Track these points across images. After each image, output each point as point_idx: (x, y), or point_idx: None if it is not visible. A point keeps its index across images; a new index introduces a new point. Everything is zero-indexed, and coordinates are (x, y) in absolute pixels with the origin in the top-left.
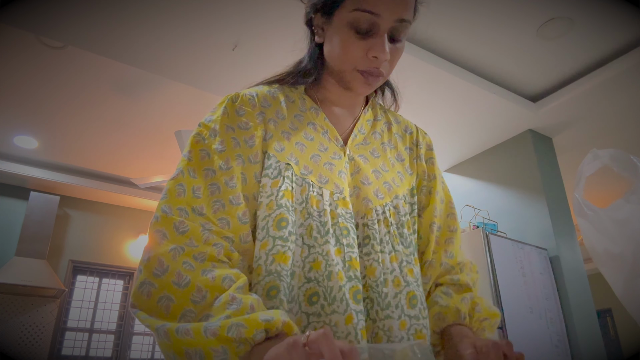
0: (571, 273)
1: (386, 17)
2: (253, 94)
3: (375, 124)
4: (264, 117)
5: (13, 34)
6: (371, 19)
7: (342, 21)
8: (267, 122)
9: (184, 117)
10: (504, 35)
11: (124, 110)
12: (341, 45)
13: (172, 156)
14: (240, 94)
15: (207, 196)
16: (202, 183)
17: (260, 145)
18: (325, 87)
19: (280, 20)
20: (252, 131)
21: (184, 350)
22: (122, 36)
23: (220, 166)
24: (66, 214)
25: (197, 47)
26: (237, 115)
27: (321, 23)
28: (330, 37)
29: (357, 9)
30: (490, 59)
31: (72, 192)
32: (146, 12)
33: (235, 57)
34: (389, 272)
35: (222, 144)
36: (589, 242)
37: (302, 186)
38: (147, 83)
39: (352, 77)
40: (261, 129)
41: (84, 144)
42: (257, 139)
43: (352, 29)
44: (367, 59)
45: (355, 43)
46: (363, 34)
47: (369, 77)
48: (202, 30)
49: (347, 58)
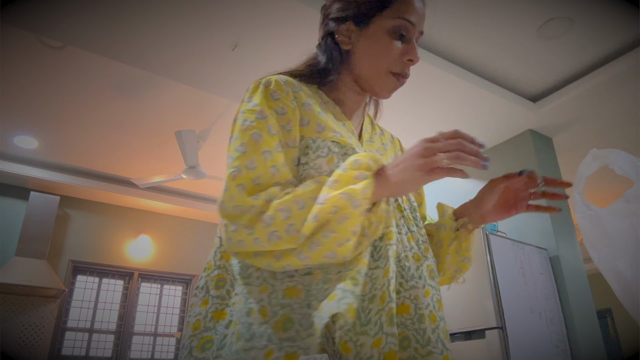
0: (571, 273)
1: (417, 28)
2: (283, 79)
3: (373, 127)
4: (297, 101)
5: (13, 34)
6: (408, 28)
7: (379, 29)
8: (301, 107)
9: (184, 117)
10: (504, 35)
11: (124, 111)
12: (378, 50)
13: (172, 156)
14: (272, 79)
15: (268, 178)
16: (261, 166)
17: (298, 130)
18: (339, 89)
19: (280, 20)
20: (289, 116)
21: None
22: (122, 36)
23: (276, 147)
24: (66, 214)
25: (197, 47)
26: (272, 99)
27: (349, 31)
28: (362, 43)
29: (399, 17)
30: (490, 59)
31: (72, 192)
32: (146, 13)
33: (235, 58)
34: (409, 249)
35: (272, 127)
36: (589, 242)
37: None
38: (147, 83)
39: (384, 79)
40: (297, 114)
41: (84, 144)
42: (294, 124)
43: (390, 35)
44: (401, 62)
45: (394, 47)
46: (399, 41)
47: (400, 79)
48: (202, 31)
49: (383, 61)
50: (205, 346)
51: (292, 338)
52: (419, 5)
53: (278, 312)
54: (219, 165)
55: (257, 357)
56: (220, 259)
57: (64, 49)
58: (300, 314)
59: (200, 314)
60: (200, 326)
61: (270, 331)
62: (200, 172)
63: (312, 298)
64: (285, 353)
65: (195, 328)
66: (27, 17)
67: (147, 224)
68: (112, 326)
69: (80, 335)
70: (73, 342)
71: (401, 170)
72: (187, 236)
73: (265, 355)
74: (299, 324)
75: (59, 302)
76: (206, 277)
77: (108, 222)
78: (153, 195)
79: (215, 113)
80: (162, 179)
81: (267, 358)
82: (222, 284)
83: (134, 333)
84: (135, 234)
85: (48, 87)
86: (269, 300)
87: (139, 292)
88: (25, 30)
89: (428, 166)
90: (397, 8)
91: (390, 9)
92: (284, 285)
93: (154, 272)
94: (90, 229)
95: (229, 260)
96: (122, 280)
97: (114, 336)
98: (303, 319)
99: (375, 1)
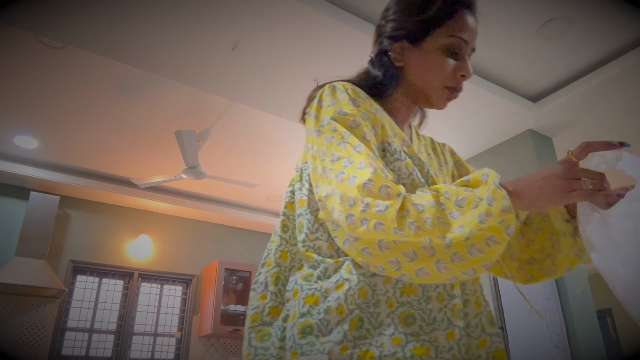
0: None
1: (470, 45)
2: (352, 86)
3: (419, 138)
4: (372, 107)
5: (13, 34)
6: (461, 45)
7: (433, 46)
8: (376, 111)
9: (184, 117)
10: (504, 35)
11: (124, 110)
12: (432, 67)
13: (172, 156)
14: (347, 86)
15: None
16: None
17: (380, 133)
18: (392, 102)
19: (281, 20)
20: (372, 121)
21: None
22: (122, 36)
23: (374, 152)
24: (66, 214)
25: (197, 47)
26: (355, 106)
27: (403, 49)
28: (416, 60)
29: (452, 35)
30: (490, 59)
31: (72, 192)
32: (146, 13)
33: (235, 58)
34: None
35: (366, 133)
36: (590, 245)
37: (420, 165)
38: (147, 83)
39: (439, 93)
40: (378, 118)
41: (84, 144)
42: (377, 127)
43: (443, 52)
44: (455, 78)
45: (448, 64)
46: (453, 57)
47: (454, 93)
48: (202, 31)
49: (438, 76)
50: (263, 338)
51: (364, 336)
52: (471, 23)
53: (354, 311)
54: (219, 165)
55: (334, 350)
56: (279, 257)
57: (64, 49)
58: (368, 313)
59: (258, 308)
60: (258, 319)
61: (347, 328)
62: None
63: (379, 298)
64: (360, 349)
65: (254, 321)
66: (27, 17)
67: (147, 224)
68: (112, 326)
69: (80, 335)
70: (73, 342)
71: (539, 187)
72: (187, 236)
73: (340, 350)
74: (368, 322)
75: (59, 302)
76: (265, 273)
77: (108, 222)
78: (153, 195)
79: (215, 113)
80: (162, 179)
81: (342, 353)
82: (278, 281)
83: (134, 333)
84: (135, 234)
85: (48, 87)
86: (345, 298)
87: (139, 292)
88: (25, 30)
89: (570, 188)
90: (450, 26)
91: (444, 28)
92: (358, 285)
93: (154, 272)
94: (90, 229)
95: (286, 260)
96: (122, 280)
97: (114, 336)
98: (372, 318)
99: (429, 20)
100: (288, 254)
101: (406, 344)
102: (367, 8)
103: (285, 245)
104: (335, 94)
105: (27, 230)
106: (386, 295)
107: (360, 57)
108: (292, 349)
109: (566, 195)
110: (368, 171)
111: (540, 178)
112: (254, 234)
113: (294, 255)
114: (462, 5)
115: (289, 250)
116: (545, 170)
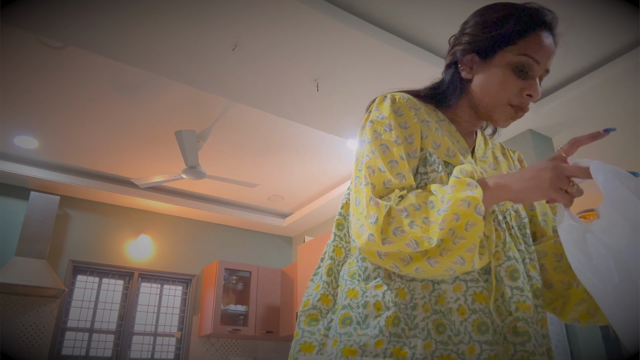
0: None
1: (542, 66)
2: (406, 97)
3: (486, 143)
4: (418, 117)
5: (13, 34)
6: (532, 65)
7: (502, 62)
8: (421, 122)
9: (184, 117)
10: None
11: (124, 111)
12: (498, 83)
13: (172, 156)
14: (397, 96)
15: (396, 184)
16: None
17: (419, 142)
18: (455, 111)
19: (280, 20)
20: (411, 130)
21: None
22: (123, 36)
23: (401, 156)
24: (66, 214)
25: (197, 47)
26: (396, 115)
27: (472, 62)
28: (484, 74)
29: (523, 54)
30: None
31: (72, 192)
32: (146, 13)
33: (235, 58)
34: None
35: (398, 137)
36: (570, 254)
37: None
38: (147, 83)
39: (502, 110)
40: (419, 127)
41: (84, 144)
42: (416, 137)
43: (513, 70)
44: (521, 97)
45: (515, 82)
46: (521, 76)
47: (519, 112)
48: (202, 31)
49: (503, 94)
50: (311, 322)
51: (399, 335)
52: (547, 43)
53: (391, 308)
54: (219, 165)
55: (369, 343)
56: (332, 251)
57: (64, 49)
58: (405, 314)
59: (311, 295)
60: (309, 304)
61: (383, 324)
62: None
63: (416, 301)
64: (393, 346)
65: (305, 305)
66: (27, 17)
67: (147, 224)
68: (112, 326)
69: (80, 335)
70: (73, 342)
71: (528, 179)
72: (187, 236)
73: (375, 344)
74: (404, 322)
75: (59, 302)
76: (322, 265)
77: (108, 222)
78: (153, 195)
79: (215, 113)
80: (162, 179)
81: (377, 347)
82: (331, 272)
83: (134, 333)
84: (135, 234)
85: (48, 87)
86: (382, 296)
87: (139, 292)
88: (25, 30)
89: (557, 185)
90: (523, 45)
91: (516, 45)
92: (396, 285)
93: (154, 272)
94: (90, 229)
95: (340, 255)
96: (122, 280)
97: (114, 336)
98: (408, 319)
99: (501, 37)
100: (342, 249)
101: (435, 351)
102: (367, 8)
103: (339, 241)
104: (382, 103)
105: (27, 230)
106: (423, 300)
107: (360, 57)
108: (333, 337)
109: (554, 191)
110: (370, 188)
111: (530, 171)
112: (254, 234)
113: (348, 251)
114: (539, 25)
115: (342, 246)
116: (537, 166)
